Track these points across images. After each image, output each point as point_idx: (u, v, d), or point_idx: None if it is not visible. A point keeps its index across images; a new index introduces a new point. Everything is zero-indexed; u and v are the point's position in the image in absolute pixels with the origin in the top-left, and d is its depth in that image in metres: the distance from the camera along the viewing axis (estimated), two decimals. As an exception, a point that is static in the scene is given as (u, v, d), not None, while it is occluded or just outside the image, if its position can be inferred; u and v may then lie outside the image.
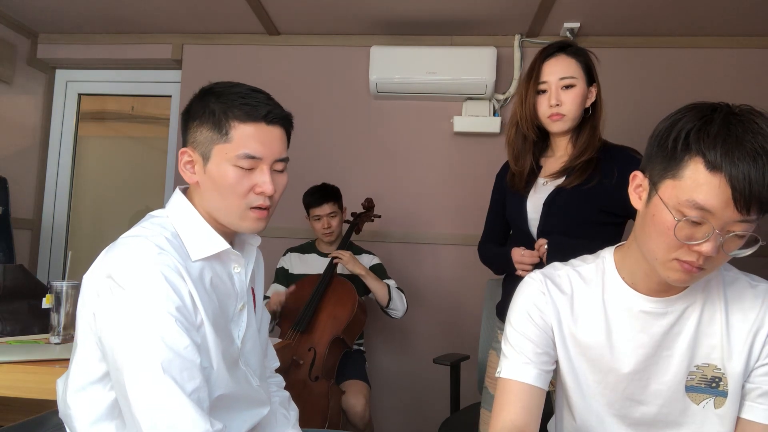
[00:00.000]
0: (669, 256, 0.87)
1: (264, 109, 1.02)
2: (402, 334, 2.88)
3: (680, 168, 0.83)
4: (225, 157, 1.01)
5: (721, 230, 0.82)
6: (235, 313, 1.12)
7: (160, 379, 0.89)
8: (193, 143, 1.05)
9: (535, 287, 1.05)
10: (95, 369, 0.98)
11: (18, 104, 3.04)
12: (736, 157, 0.78)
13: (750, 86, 2.70)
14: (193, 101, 1.07)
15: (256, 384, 1.15)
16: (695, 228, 0.83)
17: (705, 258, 0.83)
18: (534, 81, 1.53)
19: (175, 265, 0.96)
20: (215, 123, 1.02)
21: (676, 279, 0.88)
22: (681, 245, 0.84)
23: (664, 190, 0.86)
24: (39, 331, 1.63)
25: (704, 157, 0.80)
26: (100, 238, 3.29)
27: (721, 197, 0.80)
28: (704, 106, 0.85)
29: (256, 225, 1.06)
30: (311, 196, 2.46)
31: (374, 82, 2.78)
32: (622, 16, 2.58)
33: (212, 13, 2.78)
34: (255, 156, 1.02)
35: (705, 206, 0.81)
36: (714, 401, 0.96)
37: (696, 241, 0.83)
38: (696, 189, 0.81)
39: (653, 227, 0.88)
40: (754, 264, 1.13)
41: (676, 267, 0.87)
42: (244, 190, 1.02)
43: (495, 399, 1.04)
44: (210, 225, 1.06)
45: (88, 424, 0.99)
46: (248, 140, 1.01)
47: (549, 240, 1.48)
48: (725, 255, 0.85)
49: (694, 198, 0.81)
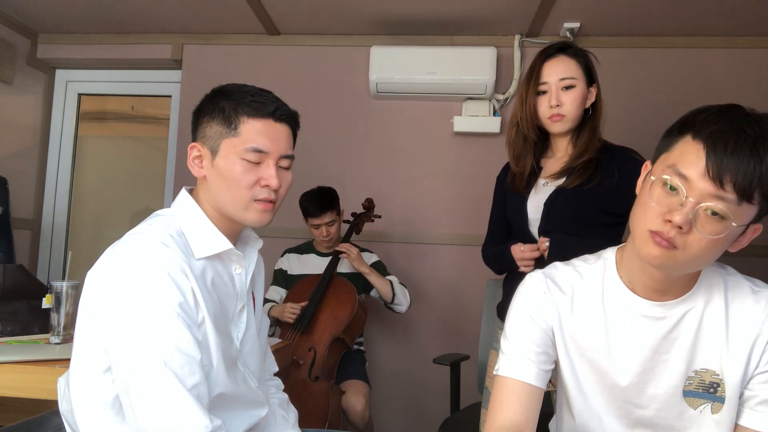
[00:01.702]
0: (645, 227, 0.88)
1: (272, 106, 1.07)
2: (402, 334, 2.88)
3: (674, 143, 0.89)
4: (233, 150, 1.04)
5: (696, 201, 0.82)
6: (235, 314, 1.12)
7: (162, 374, 0.90)
8: (202, 138, 1.08)
9: (536, 286, 1.05)
10: (98, 364, 0.98)
11: (18, 104, 3.04)
12: (719, 129, 0.82)
13: (750, 86, 2.70)
14: (205, 99, 1.11)
15: (254, 385, 1.15)
16: (672, 197, 0.85)
17: (677, 231, 0.83)
18: (534, 82, 1.53)
19: (178, 262, 0.98)
20: (225, 118, 1.05)
21: (647, 253, 0.88)
22: (656, 215, 0.86)
23: (656, 166, 0.91)
24: (39, 331, 1.63)
25: (695, 130, 0.85)
26: (100, 238, 3.29)
27: (698, 165, 0.82)
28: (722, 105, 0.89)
29: (261, 217, 1.07)
30: (309, 204, 2.42)
31: (374, 82, 2.78)
32: (622, 16, 2.58)
33: (212, 13, 2.78)
34: (262, 150, 1.05)
35: (683, 173, 0.84)
36: (711, 407, 0.96)
37: (669, 209, 0.84)
38: (680, 156, 0.86)
39: (638, 201, 0.92)
40: (758, 267, 1.13)
41: (648, 238, 0.87)
42: (250, 182, 1.05)
43: (492, 396, 1.03)
44: (214, 224, 1.08)
45: (90, 418, 0.99)
46: (256, 135, 1.05)
47: (551, 237, 1.49)
48: (701, 237, 0.83)
49: (676, 164, 0.85)
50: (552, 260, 1.47)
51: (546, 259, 1.48)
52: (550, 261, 1.47)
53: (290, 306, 2.27)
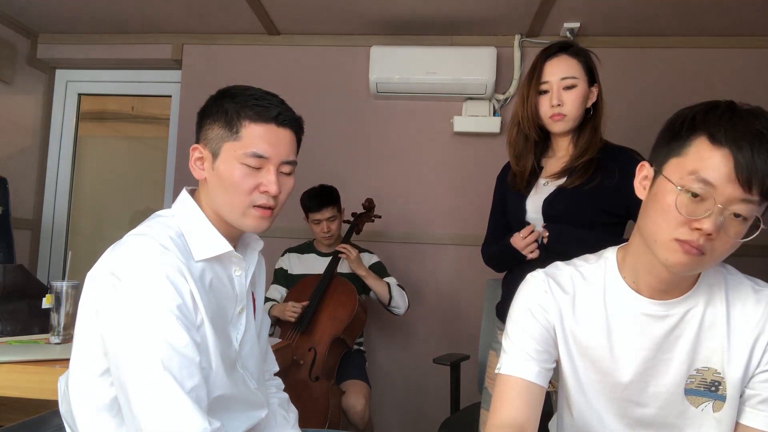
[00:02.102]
0: (670, 235, 0.86)
1: (275, 111, 1.05)
2: (402, 334, 2.88)
3: (685, 146, 0.86)
4: (233, 154, 1.03)
5: (723, 207, 0.82)
6: (234, 316, 1.12)
7: (160, 376, 0.89)
8: (204, 140, 1.08)
9: (537, 285, 1.05)
10: (96, 365, 0.98)
11: (18, 104, 3.03)
12: (739, 132, 0.81)
13: (750, 86, 2.70)
14: (209, 100, 1.10)
15: (254, 387, 1.15)
16: (697, 204, 0.83)
17: (705, 238, 0.83)
18: (535, 81, 1.53)
19: (177, 264, 0.97)
20: (227, 121, 1.04)
21: (675, 261, 0.87)
22: (681, 224, 0.84)
23: (669, 169, 0.88)
24: (39, 331, 1.63)
25: (709, 133, 0.83)
26: (100, 238, 3.29)
27: (724, 171, 0.81)
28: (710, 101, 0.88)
29: (258, 223, 1.07)
30: (310, 201, 2.43)
31: (374, 82, 2.78)
32: (622, 16, 2.58)
33: (212, 13, 2.77)
34: (262, 155, 1.04)
35: (708, 179, 0.82)
36: (713, 405, 0.96)
37: (696, 217, 0.83)
38: (700, 162, 0.83)
39: (655, 207, 0.89)
40: (759, 266, 1.12)
41: (676, 248, 0.86)
42: (249, 187, 1.04)
43: (494, 394, 1.03)
44: (214, 226, 1.08)
45: (88, 419, 0.99)
46: (257, 140, 1.03)
47: (551, 227, 1.49)
48: (727, 240, 0.83)
49: (698, 170, 0.83)
50: (552, 246, 1.47)
51: (546, 245, 1.49)
52: (550, 247, 1.48)
53: (291, 305, 2.27)
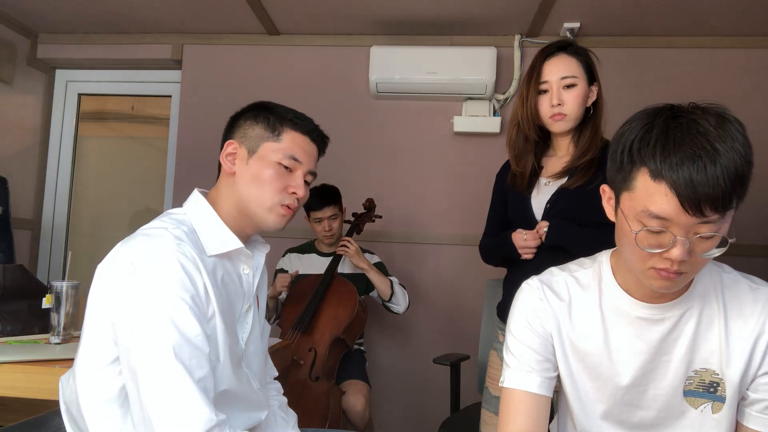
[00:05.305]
0: (645, 265, 0.86)
1: (312, 125, 1.18)
2: (402, 334, 2.88)
3: (631, 180, 0.84)
4: (272, 153, 1.12)
5: (685, 235, 0.81)
6: (242, 314, 1.14)
7: (170, 363, 0.91)
8: (242, 137, 1.15)
9: (533, 294, 1.05)
10: (105, 354, 0.99)
11: (18, 104, 3.04)
12: (674, 162, 0.78)
13: (750, 86, 2.70)
14: (247, 107, 1.20)
15: (257, 387, 1.17)
16: (659, 236, 0.82)
17: (679, 263, 0.82)
18: (535, 81, 1.53)
19: (191, 255, 1.00)
20: (269, 124, 1.14)
21: (659, 286, 0.88)
22: (651, 255, 0.84)
23: (623, 203, 0.87)
24: (39, 331, 1.63)
25: (647, 166, 0.81)
26: (100, 238, 3.29)
27: (673, 203, 0.79)
28: (649, 112, 0.86)
29: (280, 220, 1.14)
30: (311, 199, 2.43)
31: (374, 82, 2.78)
32: (622, 16, 2.58)
33: (212, 13, 2.78)
34: (298, 159, 1.14)
35: (660, 215, 0.81)
36: (712, 406, 0.96)
37: (663, 248, 0.82)
38: (647, 199, 0.81)
39: (622, 241, 0.89)
40: (759, 266, 1.12)
41: (654, 275, 0.86)
42: (280, 187, 1.12)
43: (500, 409, 1.04)
44: (226, 225, 1.11)
45: (96, 410, 1.00)
46: (296, 145, 1.14)
47: (550, 223, 1.49)
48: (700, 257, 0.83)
49: (648, 208, 0.81)
50: (550, 243, 1.47)
51: (544, 242, 1.49)
52: (547, 244, 1.48)
53: (281, 276, 2.32)
